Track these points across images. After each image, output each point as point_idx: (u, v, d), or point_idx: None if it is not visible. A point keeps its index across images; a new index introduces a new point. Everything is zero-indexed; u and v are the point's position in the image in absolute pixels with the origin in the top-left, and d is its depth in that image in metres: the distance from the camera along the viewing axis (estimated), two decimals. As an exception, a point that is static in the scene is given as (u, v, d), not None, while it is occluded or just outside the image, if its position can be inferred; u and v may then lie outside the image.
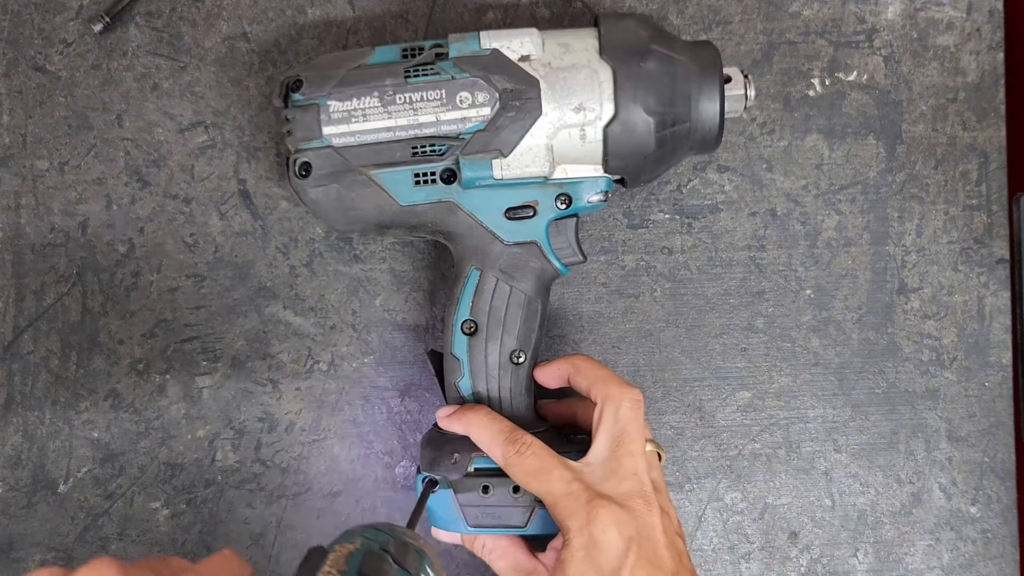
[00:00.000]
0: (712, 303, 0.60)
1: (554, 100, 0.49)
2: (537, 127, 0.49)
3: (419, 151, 0.50)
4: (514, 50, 0.50)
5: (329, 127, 0.49)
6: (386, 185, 0.50)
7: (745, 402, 0.61)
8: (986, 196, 0.61)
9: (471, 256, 0.52)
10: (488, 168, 0.49)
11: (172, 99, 0.58)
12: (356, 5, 0.59)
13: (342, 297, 0.59)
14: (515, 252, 0.51)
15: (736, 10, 0.60)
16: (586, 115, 0.49)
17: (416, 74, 0.49)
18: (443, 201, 0.50)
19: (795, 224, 0.61)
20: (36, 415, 0.58)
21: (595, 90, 0.49)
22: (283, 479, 0.58)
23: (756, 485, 0.60)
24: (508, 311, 0.52)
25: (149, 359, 0.58)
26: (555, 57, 0.50)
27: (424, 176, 0.50)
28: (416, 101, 0.49)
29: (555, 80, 0.49)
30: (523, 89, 0.49)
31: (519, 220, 0.51)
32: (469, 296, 0.52)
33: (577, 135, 0.50)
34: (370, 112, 0.49)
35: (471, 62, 0.49)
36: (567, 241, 0.52)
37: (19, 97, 0.58)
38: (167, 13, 0.58)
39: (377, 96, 0.49)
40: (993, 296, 0.61)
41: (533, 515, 0.50)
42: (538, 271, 0.52)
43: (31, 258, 0.58)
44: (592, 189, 0.51)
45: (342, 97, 0.49)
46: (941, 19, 0.61)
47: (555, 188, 0.51)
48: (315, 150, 0.50)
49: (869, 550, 0.61)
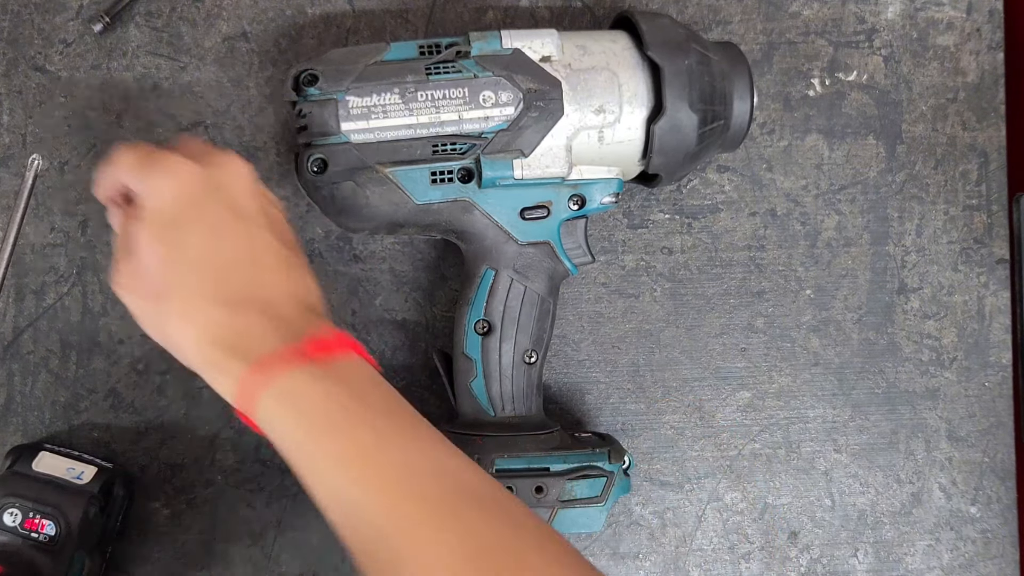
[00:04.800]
0: (712, 303, 0.60)
1: (575, 102, 0.49)
2: (558, 128, 0.49)
3: (440, 149, 0.49)
4: (535, 50, 0.50)
5: (348, 123, 0.49)
6: (402, 183, 0.50)
7: (745, 402, 0.61)
8: (986, 196, 0.61)
9: (485, 256, 0.52)
10: (509, 168, 0.49)
11: (172, 99, 0.58)
12: (356, 5, 0.59)
13: (342, 297, 0.59)
14: (529, 252, 0.51)
15: (736, 10, 0.60)
16: (605, 117, 0.50)
17: (438, 71, 0.49)
18: (459, 200, 0.50)
19: (795, 224, 0.61)
20: (36, 415, 0.58)
21: (615, 93, 0.49)
22: (283, 479, 0.58)
23: (756, 485, 0.60)
24: (523, 311, 0.52)
25: (149, 359, 0.58)
26: (575, 59, 0.50)
27: (442, 175, 0.50)
28: (438, 99, 0.49)
29: (576, 82, 0.49)
30: (546, 90, 0.49)
31: (533, 220, 0.51)
32: (483, 296, 0.52)
33: (596, 137, 0.50)
34: (391, 109, 0.49)
35: (493, 61, 0.49)
36: (577, 241, 0.53)
37: (19, 97, 0.58)
38: (167, 13, 0.58)
39: (398, 93, 0.49)
40: (993, 296, 0.61)
41: (555, 514, 0.50)
42: (550, 271, 0.52)
43: (31, 258, 0.58)
44: (605, 191, 0.51)
45: (361, 93, 0.49)
46: (941, 19, 0.61)
47: (569, 189, 0.51)
48: (331, 146, 0.49)
49: (869, 550, 0.61)
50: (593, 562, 0.59)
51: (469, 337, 0.52)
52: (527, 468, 0.50)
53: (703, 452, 0.60)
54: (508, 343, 0.51)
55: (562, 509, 0.49)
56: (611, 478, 0.51)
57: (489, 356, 0.51)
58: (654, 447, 0.60)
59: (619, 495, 0.53)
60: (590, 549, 0.59)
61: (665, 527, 0.60)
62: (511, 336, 0.51)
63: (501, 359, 0.51)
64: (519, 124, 0.49)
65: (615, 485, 0.52)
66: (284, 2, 0.59)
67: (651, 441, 0.60)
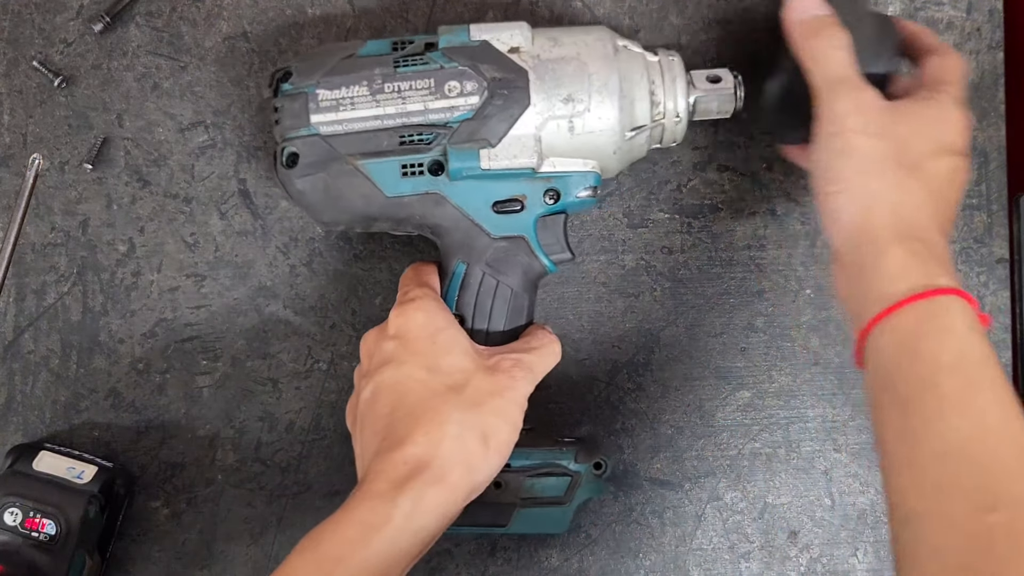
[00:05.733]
0: (712, 303, 0.60)
1: (542, 91, 0.49)
2: (525, 117, 0.49)
3: (407, 140, 0.50)
4: (503, 42, 0.50)
5: (317, 115, 0.49)
6: (373, 175, 0.50)
7: (745, 401, 0.61)
8: (986, 196, 0.61)
9: (457, 250, 0.52)
10: (476, 158, 0.49)
11: (172, 99, 0.58)
12: (356, 5, 0.59)
13: (342, 297, 0.59)
14: (502, 246, 0.51)
15: (736, 10, 0.60)
16: (575, 107, 0.49)
17: (406, 64, 0.50)
18: (430, 193, 0.50)
19: (795, 224, 0.61)
20: (36, 415, 0.58)
21: (584, 82, 0.49)
22: (283, 479, 0.58)
23: (756, 484, 0.60)
24: (495, 305, 0.51)
25: (149, 359, 0.58)
26: (544, 50, 0.50)
27: (411, 167, 0.50)
28: (404, 90, 0.49)
29: (544, 71, 0.50)
30: (511, 78, 0.49)
31: (506, 214, 0.51)
32: (455, 290, 0.52)
33: (566, 127, 0.50)
34: (358, 100, 0.49)
35: (460, 52, 0.50)
36: (555, 238, 0.52)
37: (19, 97, 0.58)
38: (167, 13, 0.58)
39: (366, 84, 0.49)
40: (993, 296, 0.61)
41: (516, 514, 0.50)
42: (525, 266, 0.52)
43: (31, 258, 0.58)
44: (580, 184, 0.51)
45: (331, 86, 0.49)
46: (941, 19, 0.61)
47: (543, 182, 0.51)
48: (303, 138, 0.50)
49: (869, 550, 0.61)
50: (593, 561, 0.59)
51: None
52: None
53: (703, 451, 0.60)
54: (479, 337, 0.51)
55: (523, 508, 0.49)
56: (576, 478, 0.51)
57: None
58: (654, 447, 0.60)
59: (586, 497, 0.52)
60: (590, 548, 0.59)
61: (665, 526, 0.60)
62: (482, 330, 0.51)
63: None
64: (484, 113, 0.49)
65: (580, 486, 0.51)
66: (284, 2, 0.59)
67: (651, 441, 0.60)
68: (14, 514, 0.51)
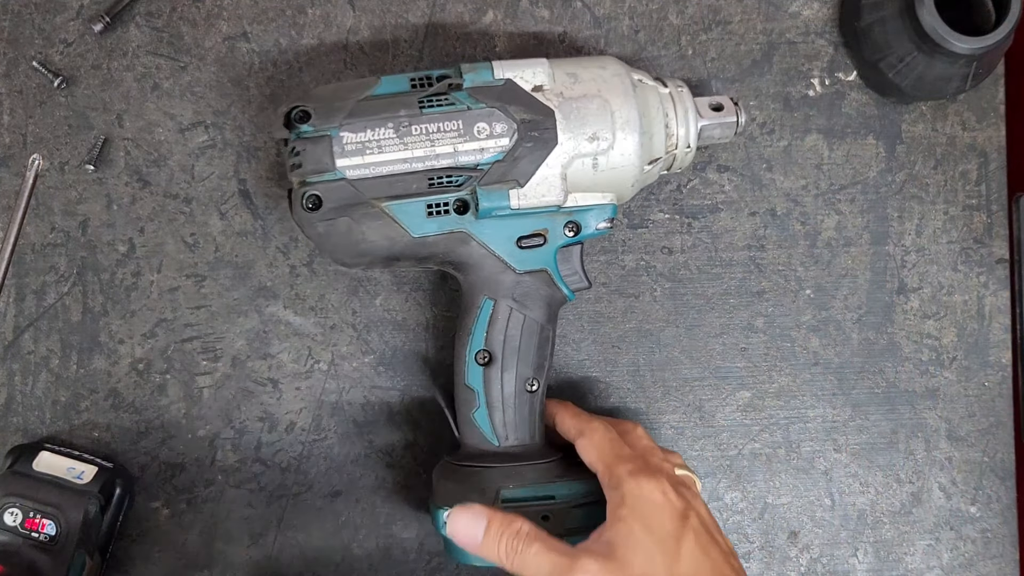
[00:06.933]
0: (712, 303, 0.60)
1: (569, 130, 0.50)
2: (553, 157, 0.50)
3: (436, 182, 0.49)
4: (527, 80, 0.50)
5: (343, 159, 0.48)
6: (398, 217, 0.49)
7: (745, 402, 0.61)
8: (986, 196, 0.61)
9: (483, 286, 0.52)
10: (505, 198, 0.49)
11: (172, 99, 0.58)
12: (356, 5, 0.59)
13: (342, 297, 0.59)
14: (526, 280, 0.52)
15: (736, 10, 0.60)
16: (599, 144, 0.50)
17: (431, 104, 0.49)
18: (456, 232, 0.50)
19: (795, 224, 0.61)
20: (36, 415, 0.58)
21: (607, 120, 0.50)
22: (283, 479, 0.58)
23: (756, 485, 0.60)
24: (523, 340, 0.52)
25: (149, 359, 0.58)
26: (566, 87, 0.50)
27: (438, 207, 0.50)
28: (433, 132, 0.49)
29: (569, 110, 0.50)
30: (540, 120, 0.49)
31: (530, 249, 0.51)
32: (483, 326, 0.52)
33: (590, 164, 0.50)
34: (385, 144, 0.49)
35: (486, 92, 0.49)
36: (574, 267, 0.53)
37: (19, 97, 0.58)
38: (167, 13, 0.58)
39: (392, 127, 0.49)
40: (993, 296, 0.61)
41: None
42: (548, 298, 0.52)
43: (31, 258, 0.58)
44: (600, 216, 0.52)
45: (355, 128, 0.48)
46: (941, 19, 0.61)
47: (564, 216, 0.51)
48: (326, 183, 0.49)
49: (869, 550, 0.61)
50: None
51: (470, 368, 0.52)
52: (533, 496, 0.50)
53: (703, 452, 0.60)
54: (509, 372, 0.51)
55: (568, 537, 0.48)
56: None
57: (491, 386, 0.51)
58: (654, 447, 0.60)
59: None
60: (590, 549, 0.59)
61: (665, 527, 0.60)
62: (512, 365, 0.51)
63: (503, 388, 0.51)
64: (514, 155, 0.49)
65: None
66: (284, 2, 0.59)
67: (651, 441, 0.60)
68: (14, 514, 0.51)
